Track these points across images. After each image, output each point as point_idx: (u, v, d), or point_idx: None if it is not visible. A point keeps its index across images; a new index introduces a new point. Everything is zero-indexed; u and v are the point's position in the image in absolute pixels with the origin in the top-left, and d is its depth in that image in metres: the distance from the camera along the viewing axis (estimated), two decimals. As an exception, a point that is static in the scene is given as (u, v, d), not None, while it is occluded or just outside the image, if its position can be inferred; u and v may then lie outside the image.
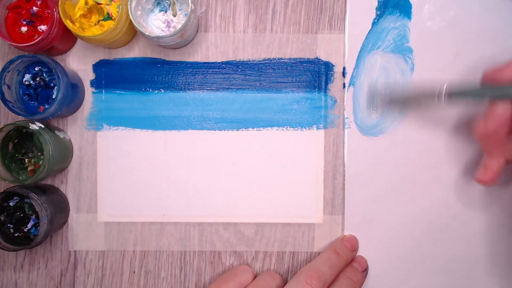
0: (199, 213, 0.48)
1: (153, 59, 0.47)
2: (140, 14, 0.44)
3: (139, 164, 0.47)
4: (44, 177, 0.43)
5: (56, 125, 0.47)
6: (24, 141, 0.45)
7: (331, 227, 0.48)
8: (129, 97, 0.47)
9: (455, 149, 0.47)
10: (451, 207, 0.47)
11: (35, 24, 0.44)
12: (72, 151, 0.47)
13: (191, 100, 0.47)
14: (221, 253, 0.48)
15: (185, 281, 0.48)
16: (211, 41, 0.47)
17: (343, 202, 0.47)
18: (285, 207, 0.48)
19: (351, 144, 0.47)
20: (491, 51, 0.47)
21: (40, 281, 0.48)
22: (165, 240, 0.48)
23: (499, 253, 0.47)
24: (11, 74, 0.43)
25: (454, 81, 0.43)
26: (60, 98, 0.42)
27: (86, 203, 0.47)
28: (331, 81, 0.47)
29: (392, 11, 0.47)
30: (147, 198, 0.47)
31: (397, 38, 0.47)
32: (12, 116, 0.47)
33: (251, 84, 0.47)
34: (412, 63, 0.47)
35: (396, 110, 0.47)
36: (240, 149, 0.47)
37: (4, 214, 0.44)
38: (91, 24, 0.44)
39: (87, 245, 0.48)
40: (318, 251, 0.48)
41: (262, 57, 0.47)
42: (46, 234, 0.42)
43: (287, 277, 0.48)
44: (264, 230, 0.48)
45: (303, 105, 0.47)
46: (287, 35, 0.47)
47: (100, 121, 0.47)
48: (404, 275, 0.47)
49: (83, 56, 0.47)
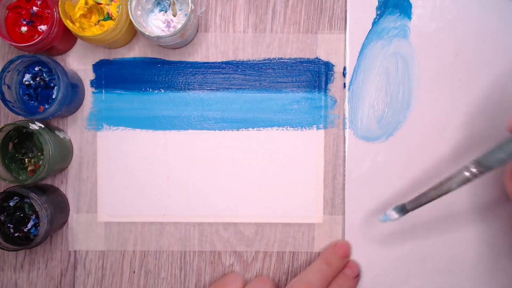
0: (199, 213, 0.48)
1: (153, 59, 0.47)
2: (140, 14, 0.44)
3: (139, 164, 0.47)
4: (44, 177, 0.43)
5: (56, 125, 0.47)
6: (24, 141, 0.45)
7: (331, 227, 0.48)
8: (129, 97, 0.47)
9: (456, 148, 0.47)
10: (451, 206, 0.47)
11: (35, 24, 0.44)
12: (72, 151, 0.47)
13: (191, 100, 0.47)
14: (221, 253, 0.48)
15: (185, 281, 0.48)
16: (211, 41, 0.47)
17: (343, 202, 0.47)
18: (285, 207, 0.48)
19: (351, 144, 0.47)
20: (491, 51, 0.47)
21: (40, 281, 0.48)
22: (165, 240, 0.48)
23: (500, 253, 0.47)
24: (11, 74, 0.43)
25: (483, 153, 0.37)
26: (60, 98, 0.42)
27: (86, 203, 0.47)
28: (331, 81, 0.47)
29: (392, 11, 0.47)
30: (147, 198, 0.47)
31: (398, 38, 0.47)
32: (12, 116, 0.47)
33: (251, 84, 0.47)
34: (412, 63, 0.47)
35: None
36: (240, 149, 0.47)
37: (4, 214, 0.44)
38: (91, 24, 0.44)
39: (87, 245, 0.48)
40: (318, 251, 0.48)
41: (262, 57, 0.47)
42: (46, 234, 0.42)
43: (287, 277, 0.48)
44: (264, 230, 0.48)
45: (303, 105, 0.47)
46: (287, 35, 0.47)
47: (100, 121, 0.47)
48: (404, 275, 0.47)
49: (83, 56, 0.47)
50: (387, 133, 0.47)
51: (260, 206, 0.48)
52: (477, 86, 0.47)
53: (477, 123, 0.47)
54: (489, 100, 0.47)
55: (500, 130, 0.47)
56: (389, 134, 0.47)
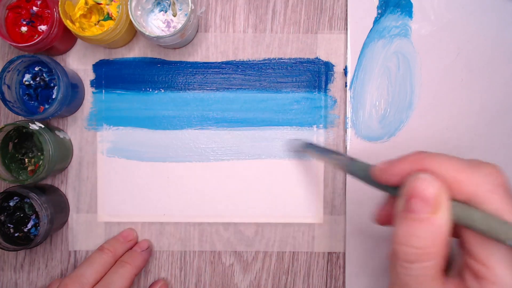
0: (199, 213, 0.47)
1: (153, 59, 0.47)
2: (140, 14, 0.44)
3: (139, 164, 0.47)
4: (44, 177, 0.43)
5: (56, 125, 0.47)
6: (24, 141, 0.45)
7: (331, 227, 0.47)
8: (129, 97, 0.47)
9: (458, 148, 0.47)
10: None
11: (35, 24, 0.44)
12: (72, 151, 0.47)
13: (191, 100, 0.47)
14: (221, 253, 0.48)
15: (185, 281, 0.48)
16: (211, 41, 0.47)
17: (344, 202, 0.47)
18: (285, 207, 0.47)
19: (353, 143, 0.47)
20: (492, 51, 0.46)
21: (40, 281, 0.48)
22: (165, 240, 0.48)
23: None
24: (11, 74, 0.43)
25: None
26: (60, 98, 0.42)
27: (86, 203, 0.47)
28: (331, 81, 0.47)
29: (393, 9, 0.47)
30: (147, 198, 0.47)
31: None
32: (12, 116, 0.47)
33: (251, 84, 0.47)
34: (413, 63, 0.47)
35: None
36: (240, 149, 0.47)
37: (4, 214, 0.44)
38: (91, 24, 0.44)
39: (87, 245, 0.48)
40: (318, 251, 0.48)
41: (262, 57, 0.47)
42: (46, 234, 0.42)
43: (287, 277, 0.48)
44: (264, 230, 0.48)
45: (303, 105, 0.47)
46: (287, 35, 0.47)
47: (100, 121, 0.47)
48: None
49: (83, 56, 0.47)
50: (389, 133, 0.47)
51: (260, 206, 0.47)
52: (478, 86, 0.47)
53: (478, 123, 0.47)
54: (491, 99, 0.47)
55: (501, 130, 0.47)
56: (391, 134, 0.47)
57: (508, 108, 0.46)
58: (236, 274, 0.48)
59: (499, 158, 0.46)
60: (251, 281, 0.48)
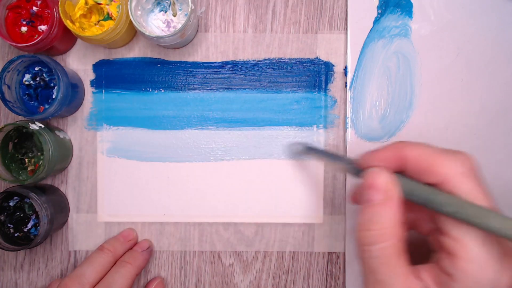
0: (199, 213, 0.47)
1: (153, 59, 0.47)
2: (140, 14, 0.44)
3: (139, 164, 0.47)
4: (44, 177, 0.43)
5: (56, 125, 0.47)
6: (24, 141, 0.45)
7: (331, 227, 0.47)
8: (129, 97, 0.47)
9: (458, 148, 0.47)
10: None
11: (35, 24, 0.44)
12: (72, 151, 0.47)
13: (191, 100, 0.47)
14: (221, 253, 0.48)
15: (185, 281, 0.48)
16: (211, 41, 0.47)
17: (344, 202, 0.47)
18: (285, 207, 0.47)
19: (353, 143, 0.47)
20: (492, 51, 0.46)
21: (40, 281, 0.48)
22: (165, 240, 0.48)
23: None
24: (11, 74, 0.43)
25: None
26: (60, 98, 0.42)
27: (86, 203, 0.47)
28: (331, 81, 0.47)
29: (393, 10, 0.47)
30: (147, 198, 0.47)
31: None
32: (12, 116, 0.47)
33: (251, 84, 0.47)
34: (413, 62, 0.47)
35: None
36: (240, 149, 0.47)
37: (4, 214, 0.44)
38: (91, 24, 0.44)
39: (87, 245, 0.48)
40: (318, 251, 0.48)
41: (262, 57, 0.47)
42: (46, 234, 0.42)
43: (287, 277, 0.48)
44: (264, 230, 0.48)
45: (303, 105, 0.47)
46: (287, 35, 0.47)
47: (100, 121, 0.47)
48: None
49: (83, 56, 0.47)
50: (389, 133, 0.47)
51: (260, 206, 0.47)
52: (478, 86, 0.47)
53: (478, 123, 0.47)
54: (491, 99, 0.47)
55: (501, 130, 0.47)
56: (391, 134, 0.47)
57: (508, 108, 0.46)
58: (236, 274, 0.48)
59: (499, 158, 0.46)
60: (251, 281, 0.48)
